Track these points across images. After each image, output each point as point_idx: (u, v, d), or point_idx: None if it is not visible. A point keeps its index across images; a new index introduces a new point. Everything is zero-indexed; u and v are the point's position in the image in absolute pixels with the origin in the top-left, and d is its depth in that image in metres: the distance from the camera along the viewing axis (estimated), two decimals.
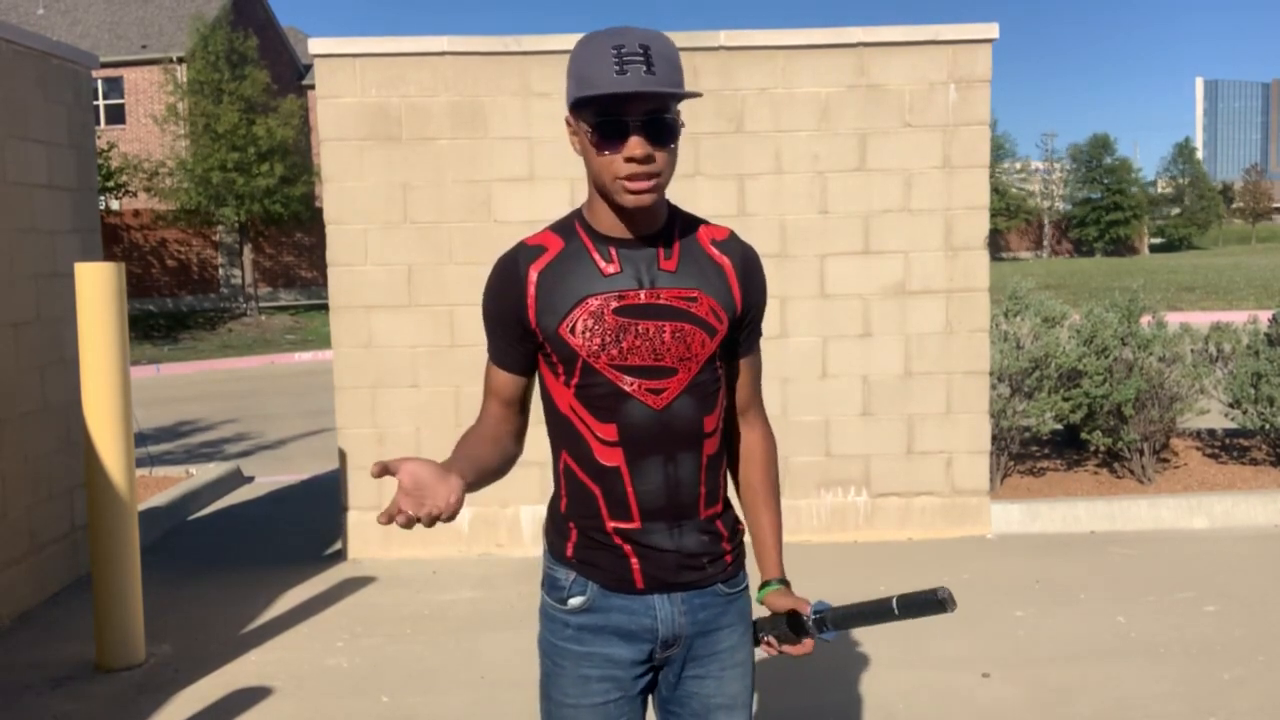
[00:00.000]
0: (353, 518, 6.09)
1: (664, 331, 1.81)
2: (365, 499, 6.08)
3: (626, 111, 1.70)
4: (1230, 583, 5.25)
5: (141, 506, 6.77)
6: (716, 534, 1.91)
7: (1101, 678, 4.16)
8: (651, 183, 1.74)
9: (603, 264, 1.82)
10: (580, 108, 1.74)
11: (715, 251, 1.89)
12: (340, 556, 6.12)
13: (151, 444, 9.72)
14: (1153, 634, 4.61)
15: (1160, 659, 4.33)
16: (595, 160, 1.75)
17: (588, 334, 1.79)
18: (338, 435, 6.10)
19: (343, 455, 6.08)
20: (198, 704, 4.10)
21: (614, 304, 1.80)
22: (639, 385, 1.81)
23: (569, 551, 1.89)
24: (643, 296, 1.81)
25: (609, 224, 1.82)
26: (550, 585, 1.91)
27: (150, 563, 5.57)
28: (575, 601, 1.87)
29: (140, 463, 8.03)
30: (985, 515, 6.24)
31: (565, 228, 1.87)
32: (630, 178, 1.73)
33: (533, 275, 1.82)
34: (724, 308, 1.86)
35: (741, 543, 1.99)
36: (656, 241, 1.84)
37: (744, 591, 1.98)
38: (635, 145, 1.71)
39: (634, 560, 1.85)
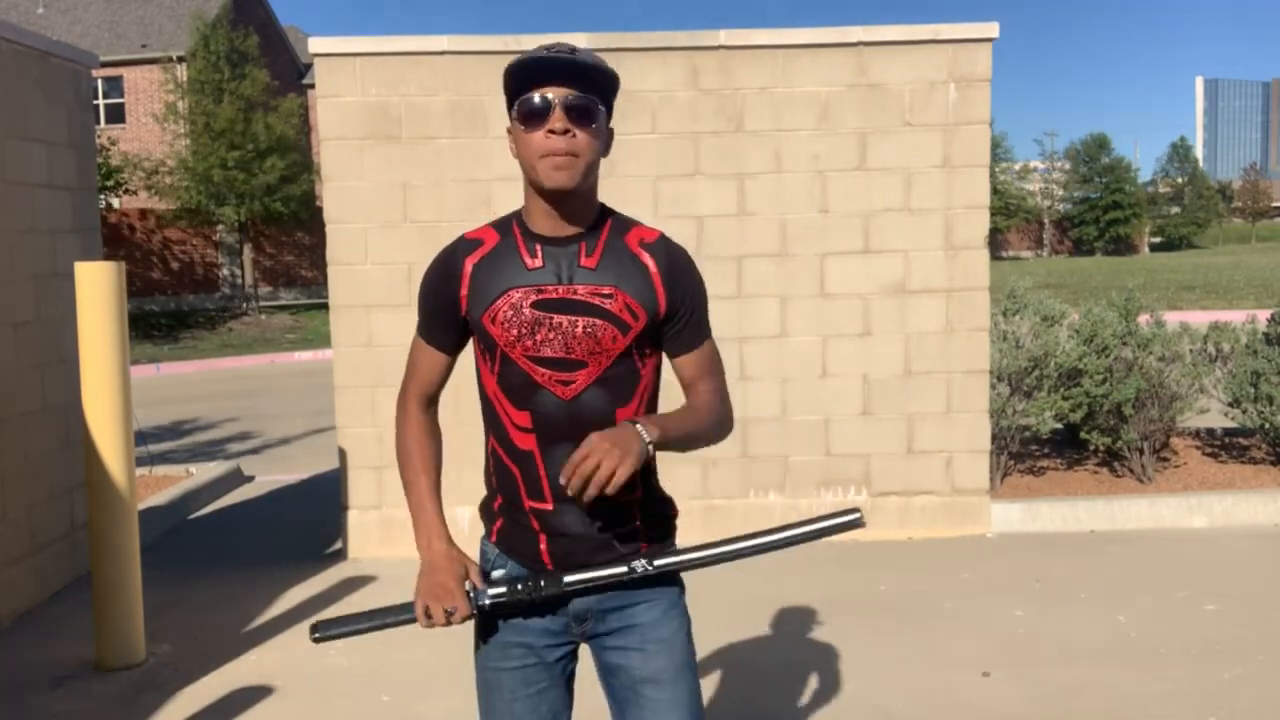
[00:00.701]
0: (353, 517, 6.09)
1: (576, 326, 1.89)
2: (365, 498, 6.08)
3: (550, 90, 1.82)
4: (1230, 582, 5.25)
5: (141, 506, 6.77)
6: (629, 518, 1.98)
7: (1101, 678, 4.16)
8: (569, 160, 1.83)
9: (528, 259, 1.92)
10: (512, 97, 1.88)
11: (641, 252, 1.96)
12: (340, 556, 6.12)
13: (152, 443, 9.72)
14: (1153, 634, 4.61)
15: (1160, 659, 4.33)
16: (521, 140, 1.86)
17: (506, 324, 1.91)
18: (338, 435, 6.10)
19: (343, 455, 6.08)
20: (198, 704, 4.09)
21: (533, 297, 1.90)
22: (549, 376, 1.91)
23: (494, 536, 2.06)
24: (559, 291, 1.90)
25: (540, 222, 1.93)
26: (481, 557, 2.08)
27: (150, 562, 5.56)
28: (498, 573, 2.00)
29: (140, 462, 8.03)
30: (985, 514, 6.24)
31: (503, 224, 1.99)
32: (550, 154, 1.82)
33: (468, 267, 1.96)
34: (642, 306, 1.93)
35: (665, 527, 2.06)
36: (581, 240, 1.94)
37: (667, 573, 2.03)
38: (556, 119, 1.81)
39: (543, 543, 1.97)
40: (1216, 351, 7.28)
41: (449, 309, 1.98)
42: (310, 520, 7.00)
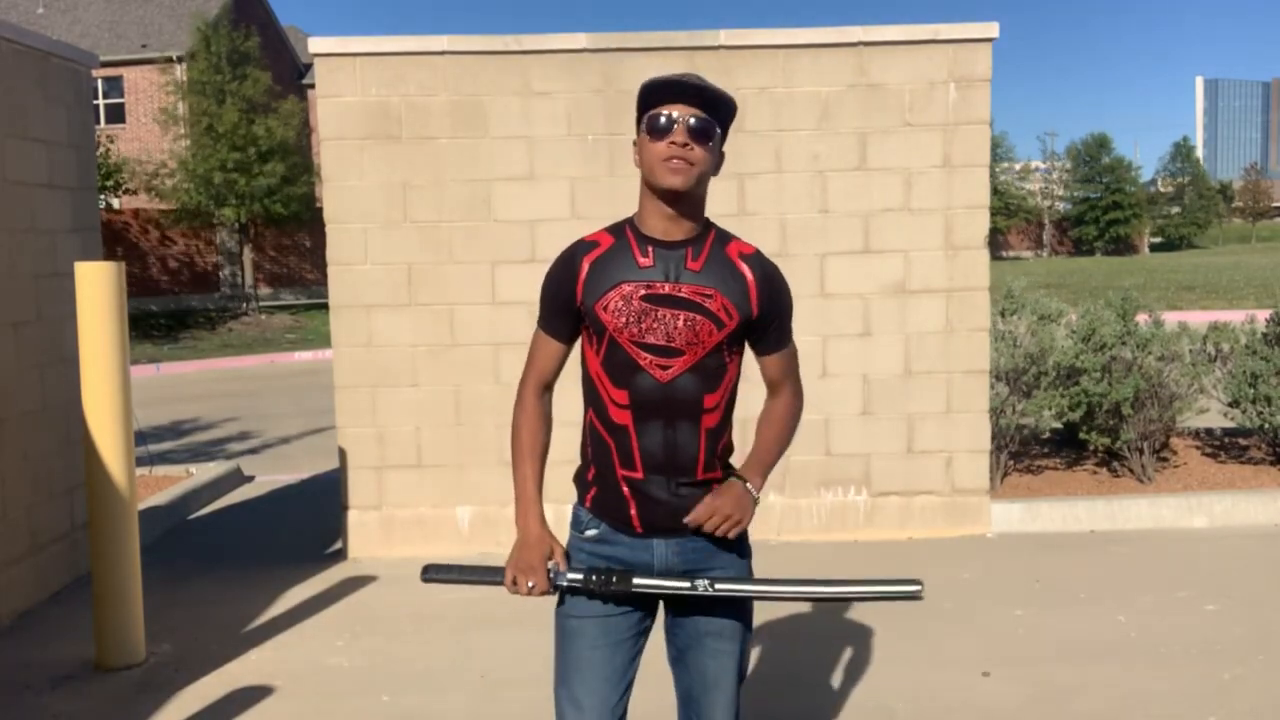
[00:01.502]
0: (353, 517, 6.09)
1: (679, 319, 2.17)
2: (365, 498, 6.08)
3: (677, 109, 2.13)
4: (1230, 582, 5.25)
5: (141, 506, 6.77)
6: (708, 492, 2.23)
7: (1101, 677, 4.16)
8: (685, 165, 2.12)
9: (640, 258, 2.20)
10: (644, 109, 2.17)
11: (740, 263, 2.25)
12: (340, 556, 6.12)
13: (152, 443, 9.71)
14: (1153, 634, 4.61)
15: (1160, 659, 4.33)
16: (646, 148, 2.15)
17: (617, 312, 2.18)
18: (338, 434, 6.10)
19: (343, 454, 6.08)
20: (198, 703, 4.10)
21: (642, 291, 2.18)
22: (651, 360, 2.18)
23: (588, 502, 2.32)
24: (667, 288, 2.18)
25: (653, 225, 2.21)
26: (574, 522, 2.35)
27: (150, 562, 5.56)
28: (591, 533, 2.29)
29: (140, 462, 8.03)
30: (985, 514, 6.24)
31: (618, 229, 2.27)
32: (670, 159, 2.11)
33: (585, 265, 2.23)
34: (737, 308, 2.22)
35: None
36: (688, 245, 2.21)
37: (737, 539, 2.29)
38: (678, 134, 2.12)
39: (633, 508, 2.23)
40: (1216, 351, 7.28)
41: (567, 301, 2.24)
42: (310, 520, 7.00)
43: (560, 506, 2.27)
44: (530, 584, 2.19)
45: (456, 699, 4.14)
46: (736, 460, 2.34)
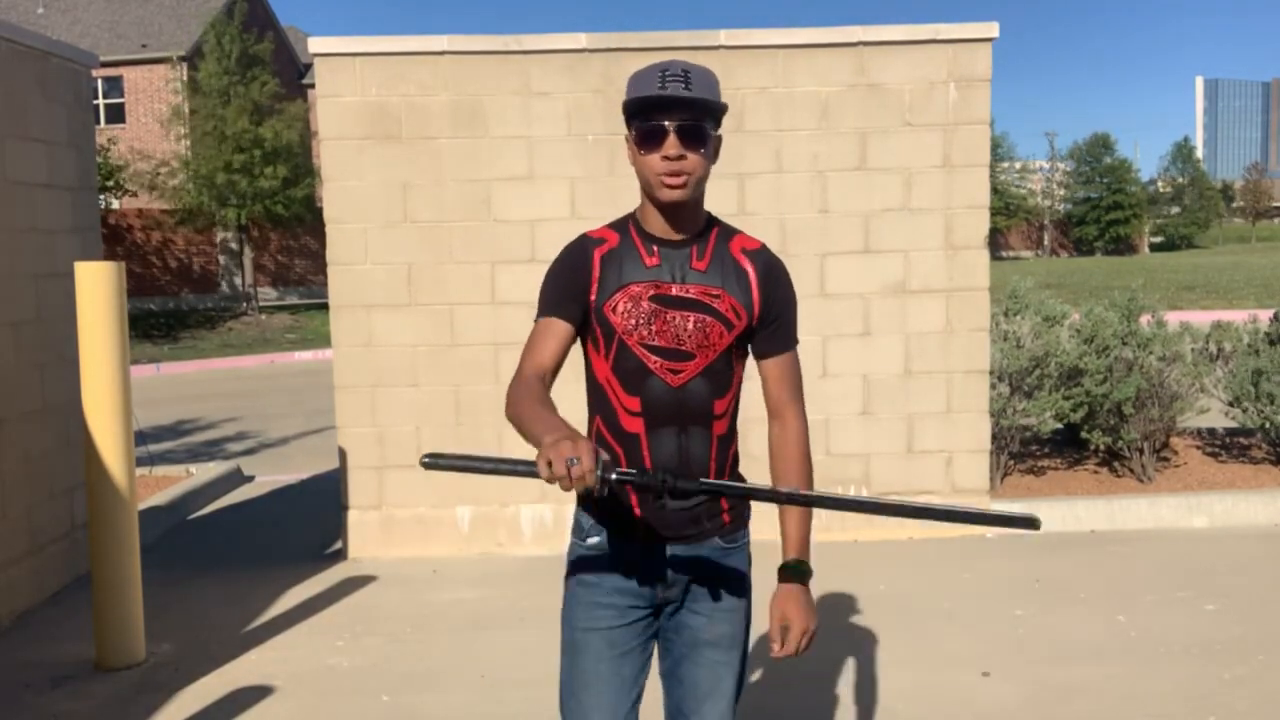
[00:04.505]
0: (353, 517, 6.09)
1: (688, 320, 2.10)
2: (365, 498, 6.08)
3: (665, 118, 2.01)
4: (1230, 582, 5.25)
5: (141, 506, 6.77)
6: (716, 503, 2.18)
7: (1101, 678, 4.16)
8: (683, 179, 2.03)
9: (647, 258, 2.12)
10: (631, 118, 2.06)
11: (743, 259, 2.17)
12: (340, 556, 6.12)
13: (152, 443, 9.71)
14: (1153, 634, 4.60)
15: (1160, 659, 4.33)
16: (640, 160, 2.06)
17: (625, 314, 2.09)
18: (338, 434, 6.10)
19: (343, 454, 6.08)
20: (198, 703, 4.10)
21: (651, 292, 2.10)
22: (661, 364, 2.10)
23: (593, 507, 2.20)
24: (675, 289, 2.11)
25: (655, 225, 2.13)
26: (575, 528, 2.23)
27: (150, 562, 5.56)
28: (593, 541, 2.18)
29: (140, 462, 8.03)
30: None
31: (620, 226, 2.19)
32: (666, 174, 2.02)
33: (597, 257, 2.13)
34: (743, 307, 2.14)
35: (742, 507, 2.26)
36: (692, 243, 2.14)
37: (741, 547, 2.26)
38: (670, 145, 2.01)
39: (639, 515, 2.13)
40: (1218, 350, 7.27)
41: (581, 292, 2.12)
42: (310, 520, 7.00)
43: (560, 507, 2.24)
44: (571, 459, 1.65)
45: (457, 698, 4.13)
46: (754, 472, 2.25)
